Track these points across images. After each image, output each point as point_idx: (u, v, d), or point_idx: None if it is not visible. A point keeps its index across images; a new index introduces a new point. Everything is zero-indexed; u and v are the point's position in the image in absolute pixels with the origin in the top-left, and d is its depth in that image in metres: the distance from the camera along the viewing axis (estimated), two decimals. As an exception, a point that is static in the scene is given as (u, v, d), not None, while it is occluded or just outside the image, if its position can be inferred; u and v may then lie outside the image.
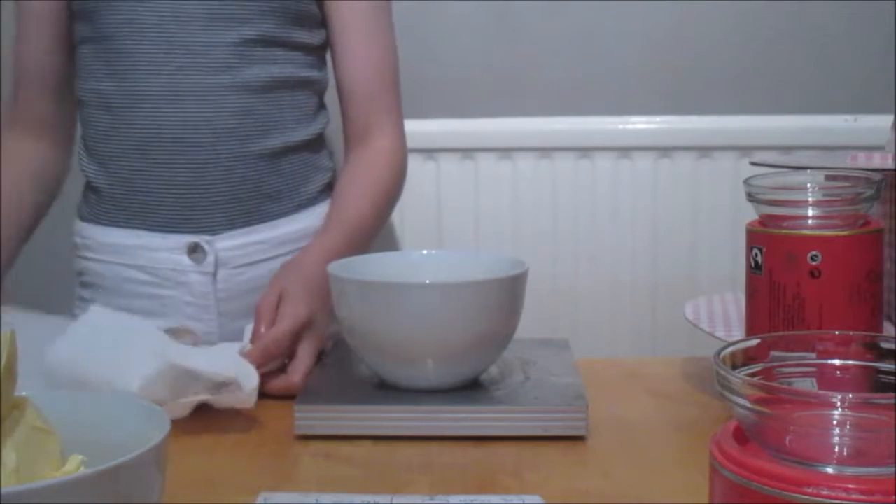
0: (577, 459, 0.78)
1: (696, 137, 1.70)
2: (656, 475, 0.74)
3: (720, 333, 0.90)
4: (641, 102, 1.74)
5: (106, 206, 1.20)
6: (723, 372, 0.47)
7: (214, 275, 1.17)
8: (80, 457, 0.57)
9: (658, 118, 1.72)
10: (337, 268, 0.89)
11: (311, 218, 1.21)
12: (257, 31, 1.15)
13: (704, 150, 1.70)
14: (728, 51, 1.74)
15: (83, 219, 1.24)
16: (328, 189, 1.26)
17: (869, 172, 0.79)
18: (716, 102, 1.73)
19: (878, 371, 0.51)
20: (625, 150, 1.71)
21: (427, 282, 0.86)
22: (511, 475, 0.74)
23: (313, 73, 1.23)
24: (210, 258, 1.16)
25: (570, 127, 1.72)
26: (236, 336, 1.02)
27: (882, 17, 1.70)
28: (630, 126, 1.71)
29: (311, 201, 1.23)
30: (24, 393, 0.56)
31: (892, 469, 0.43)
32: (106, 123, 1.18)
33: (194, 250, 1.16)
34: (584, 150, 1.71)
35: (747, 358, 0.51)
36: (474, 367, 0.87)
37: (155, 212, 1.17)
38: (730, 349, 0.50)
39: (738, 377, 0.46)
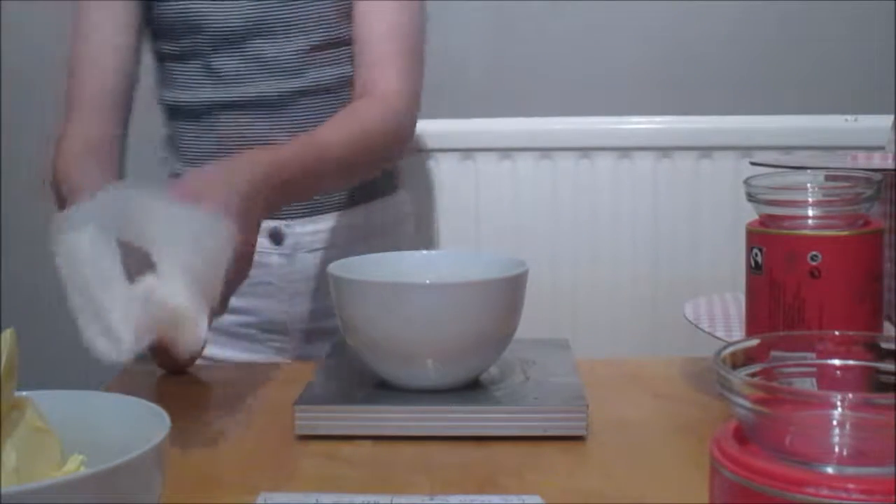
0: (577, 459, 0.78)
1: (696, 137, 1.70)
2: (656, 475, 0.74)
3: (720, 333, 0.90)
4: (641, 102, 1.74)
5: None
6: (723, 372, 0.47)
7: (291, 257, 1.25)
8: (80, 457, 0.57)
9: (658, 118, 1.72)
10: (337, 268, 0.89)
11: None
12: (324, 37, 1.21)
13: (704, 150, 1.70)
14: (728, 51, 1.74)
15: None
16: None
17: (869, 172, 0.79)
18: (716, 102, 1.73)
19: (878, 371, 0.50)
20: (625, 150, 1.70)
21: (427, 282, 0.86)
22: (511, 475, 0.74)
23: None
24: (289, 241, 1.25)
25: (570, 127, 1.72)
26: (303, 317, 1.25)
27: (882, 17, 1.70)
28: (630, 126, 1.71)
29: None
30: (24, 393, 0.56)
31: (892, 469, 0.43)
32: (191, 128, 1.25)
33: (275, 234, 1.24)
34: (584, 150, 1.70)
35: (747, 358, 0.51)
36: (474, 367, 0.87)
37: None
38: (730, 349, 0.50)
39: (738, 377, 0.46)
